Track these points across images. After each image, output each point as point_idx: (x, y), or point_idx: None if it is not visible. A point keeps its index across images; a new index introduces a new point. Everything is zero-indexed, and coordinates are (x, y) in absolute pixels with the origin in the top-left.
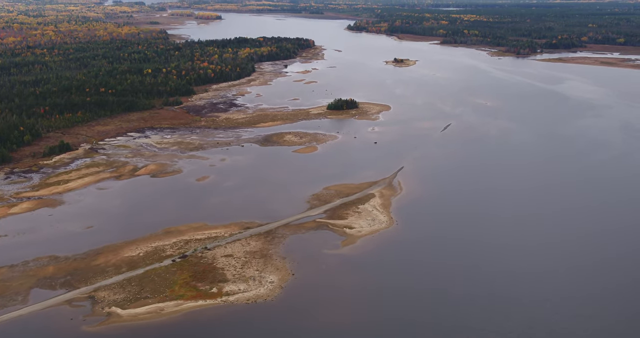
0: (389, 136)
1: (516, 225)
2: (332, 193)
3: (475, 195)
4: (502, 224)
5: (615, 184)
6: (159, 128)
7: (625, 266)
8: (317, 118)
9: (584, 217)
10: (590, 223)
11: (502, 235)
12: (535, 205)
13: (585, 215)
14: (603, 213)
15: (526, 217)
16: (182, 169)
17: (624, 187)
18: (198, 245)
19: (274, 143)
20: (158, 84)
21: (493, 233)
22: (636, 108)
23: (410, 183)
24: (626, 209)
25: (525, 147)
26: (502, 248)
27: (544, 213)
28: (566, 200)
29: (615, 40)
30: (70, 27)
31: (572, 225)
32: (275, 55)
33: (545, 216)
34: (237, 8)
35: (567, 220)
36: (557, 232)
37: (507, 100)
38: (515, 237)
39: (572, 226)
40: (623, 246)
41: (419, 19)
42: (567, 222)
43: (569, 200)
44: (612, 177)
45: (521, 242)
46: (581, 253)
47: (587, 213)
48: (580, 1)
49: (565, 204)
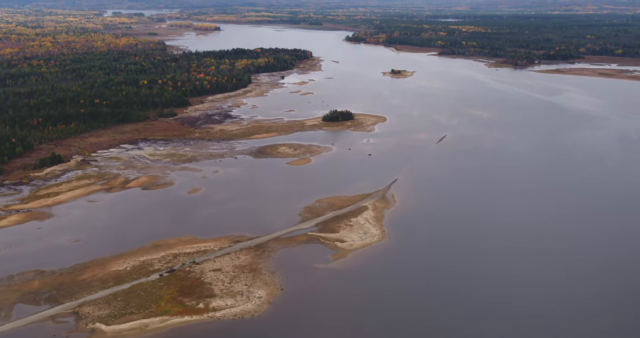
0: (383, 148)
1: (512, 240)
2: (324, 206)
3: (470, 208)
4: (497, 238)
5: (611, 197)
6: (152, 140)
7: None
8: (312, 129)
9: (579, 230)
10: (587, 237)
11: (497, 249)
12: (530, 218)
13: (581, 229)
14: (600, 226)
15: (521, 231)
16: (174, 181)
17: (619, 199)
18: (186, 259)
19: (267, 155)
20: (153, 95)
21: (488, 248)
22: (633, 119)
23: (404, 195)
24: (621, 222)
25: (520, 159)
26: (497, 264)
27: (540, 227)
28: (562, 213)
29: (613, 51)
30: (68, 38)
31: (568, 238)
32: (272, 67)
33: (541, 229)
34: (236, 19)
35: (562, 234)
36: (554, 245)
37: (503, 111)
38: (510, 252)
39: (568, 239)
40: (615, 264)
41: (417, 30)
42: (562, 236)
43: (564, 214)
44: (607, 189)
45: (517, 257)
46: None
47: (583, 227)
48: (578, 13)
49: (561, 218)
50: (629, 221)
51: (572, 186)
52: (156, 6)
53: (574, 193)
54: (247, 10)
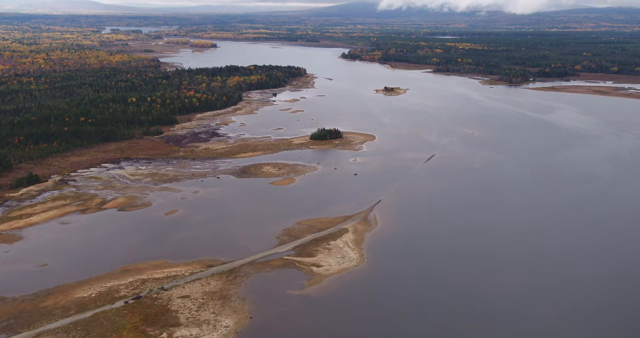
0: (370, 167)
1: (496, 264)
2: (304, 228)
3: (453, 232)
4: (481, 262)
5: (600, 218)
6: (135, 159)
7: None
8: (299, 148)
9: (565, 254)
10: (573, 261)
11: (481, 274)
12: (516, 242)
13: (569, 255)
14: (587, 250)
15: (506, 255)
16: (152, 202)
17: (608, 220)
18: (155, 285)
19: (250, 174)
20: (140, 113)
21: (471, 272)
22: (625, 138)
23: (387, 217)
24: (609, 243)
25: (508, 179)
26: (480, 297)
27: (525, 251)
28: (547, 237)
29: (609, 68)
30: (61, 55)
31: (554, 262)
32: (265, 84)
33: (527, 254)
34: (233, 36)
35: (549, 257)
36: (541, 269)
37: (494, 129)
38: (495, 277)
39: (554, 263)
40: (600, 287)
41: (413, 47)
42: (549, 259)
43: (550, 237)
44: (596, 210)
45: (502, 281)
46: (566, 299)
47: (571, 253)
48: (576, 30)
49: (548, 241)
50: (617, 242)
51: (561, 207)
52: (155, 23)
53: (562, 215)
54: (245, 27)
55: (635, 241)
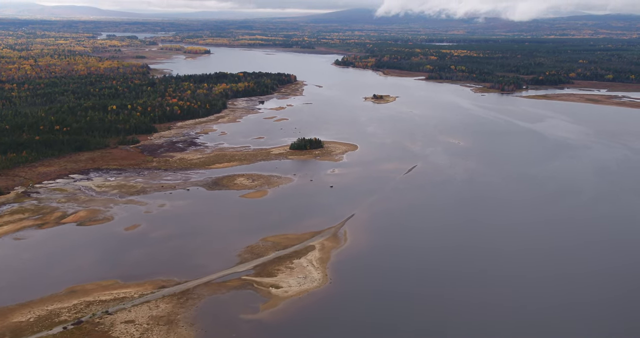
0: (347, 179)
1: (469, 287)
2: (268, 245)
3: (426, 250)
4: (453, 285)
5: (583, 234)
6: (105, 169)
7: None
8: (277, 159)
9: (544, 275)
10: (554, 282)
11: (453, 298)
12: (491, 263)
13: (550, 274)
14: (569, 267)
15: (480, 277)
16: (114, 216)
17: (590, 236)
18: (100, 308)
19: (222, 186)
20: (119, 121)
21: (441, 296)
22: (614, 148)
23: (357, 233)
24: (590, 260)
25: (490, 191)
26: (452, 316)
27: (502, 274)
28: (524, 258)
29: (604, 76)
30: (50, 61)
31: (535, 289)
32: (252, 91)
33: (504, 276)
34: (229, 42)
35: (526, 281)
36: (518, 294)
37: (481, 139)
38: (469, 300)
39: (535, 291)
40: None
41: (408, 54)
42: (526, 283)
43: (526, 258)
44: (579, 226)
45: (476, 305)
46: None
47: (552, 272)
48: (574, 37)
49: (525, 263)
50: (598, 259)
51: (543, 223)
52: (152, 29)
53: (543, 232)
54: (242, 33)
55: (615, 260)
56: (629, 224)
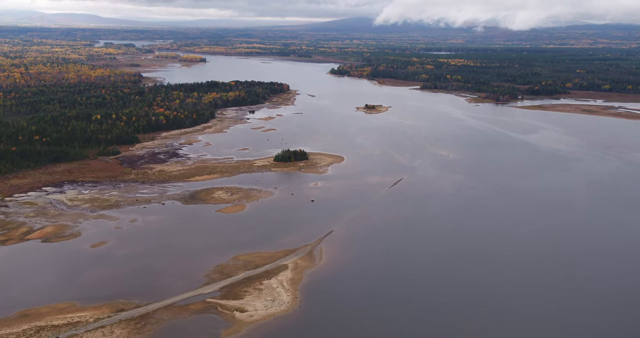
0: (330, 193)
1: (447, 315)
2: (239, 264)
3: (404, 272)
4: (429, 312)
5: (571, 250)
6: (80, 182)
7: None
8: (259, 171)
9: (534, 297)
10: (543, 303)
11: (430, 327)
12: (476, 290)
13: (536, 296)
14: (557, 287)
15: (461, 305)
16: (82, 232)
17: (579, 253)
18: (50, 334)
19: (199, 200)
20: (101, 131)
21: (417, 325)
22: (608, 161)
23: (334, 252)
24: (580, 278)
25: (477, 206)
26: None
27: (483, 304)
28: (514, 277)
29: (601, 86)
30: (42, 69)
31: (519, 309)
32: (242, 101)
33: (485, 307)
34: (225, 51)
35: (510, 307)
36: (501, 314)
37: (471, 151)
38: (446, 331)
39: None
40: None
41: (404, 63)
42: (509, 310)
43: (517, 278)
44: (567, 242)
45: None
46: None
47: (538, 294)
48: (573, 46)
49: (514, 284)
50: (585, 280)
51: (529, 239)
52: (151, 37)
53: (529, 249)
54: (240, 42)
55: (603, 279)
56: (617, 239)
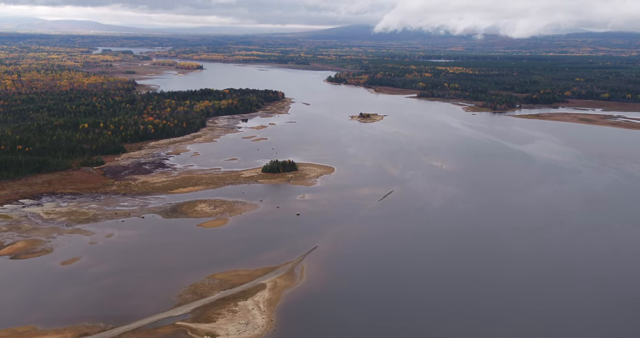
0: (317, 206)
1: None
2: (215, 283)
3: (388, 293)
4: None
5: (565, 270)
6: (60, 194)
7: None
8: (246, 182)
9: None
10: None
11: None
12: (465, 313)
13: (525, 316)
14: (546, 310)
15: (450, 331)
16: (54, 247)
17: (572, 273)
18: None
19: (180, 214)
20: (86, 140)
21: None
22: (605, 173)
23: (316, 269)
24: (569, 301)
25: (468, 220)
26: None
27: (468, 329)
28: (504, 298)
29: (600, 95)
30: (35, 76)
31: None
32: (235, 109)
33: (479, 327)
34: (223, 58)
35: (503, 329)
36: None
37: (466, 162)
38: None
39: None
40: None
41: (402, 71)
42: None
43: (507, 298)
44: (562, 261)
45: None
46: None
47: (527, 314)
48: (573, 54)
49: (504, 304)
50: (578, 298)
51: (521, 256)
52: (150, 44)
53: (521, 267)
54: (239, 49)
55: (599, 303)
56: (613, 256)
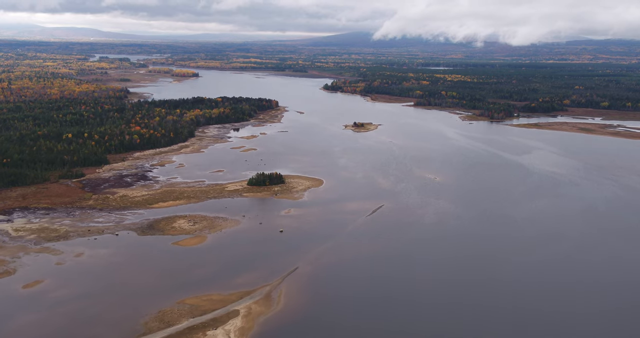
0: (302, 221)
1: None
2: (185, 309)
3: (372, 320)
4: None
5: (560, 289)
6: (33, 208)
7: None
8: (230, 196)
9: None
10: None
11: None
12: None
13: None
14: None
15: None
16: (18, 268)
17: (568, 294)
18: None
19: (157, 231)
20: (68, 151)
21: None
22: (605, 186)
23: (295, 293)
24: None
25: (460, 237)
26: None
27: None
28: (496, 319)
29: (599, 103)
30: (26, 84)
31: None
32: (226, 118)
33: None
34: (220, 65)
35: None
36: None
37: (460, 173)
38: None
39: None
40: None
41: (400, 79)
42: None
43: (499, 319)
44: (558, 279)
45: None
46: None
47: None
48: (573, 62)
49: (495, 325)
50: (575, 319)
51: (515, 274)
52: (148, 51)
53: (515, 285)
54: (238, 56)
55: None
56: (612, 274)
